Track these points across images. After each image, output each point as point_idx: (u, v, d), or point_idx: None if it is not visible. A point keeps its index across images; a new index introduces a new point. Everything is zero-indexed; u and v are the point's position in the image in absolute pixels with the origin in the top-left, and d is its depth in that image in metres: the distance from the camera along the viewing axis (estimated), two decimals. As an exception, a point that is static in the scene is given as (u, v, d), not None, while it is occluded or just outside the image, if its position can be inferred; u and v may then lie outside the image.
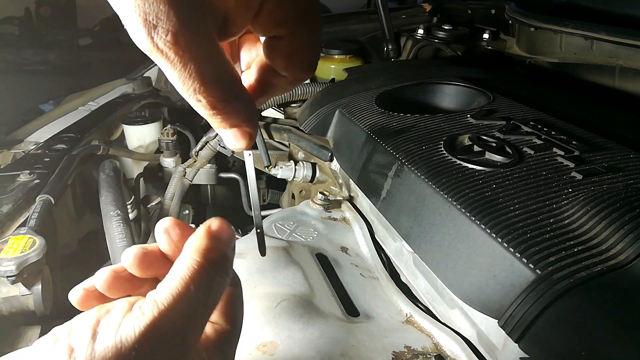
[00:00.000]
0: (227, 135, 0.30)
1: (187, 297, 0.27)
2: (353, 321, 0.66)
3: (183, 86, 0.25)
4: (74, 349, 0.25)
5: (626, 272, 0.48)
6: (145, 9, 0.22)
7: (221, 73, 0.26)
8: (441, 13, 1.83)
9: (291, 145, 1.12)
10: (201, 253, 0.29)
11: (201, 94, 0.25)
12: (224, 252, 0.30)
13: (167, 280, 0.28)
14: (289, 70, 0.30)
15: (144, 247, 0.32)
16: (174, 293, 0.27)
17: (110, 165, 1.00)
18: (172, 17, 0.22)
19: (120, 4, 0.23)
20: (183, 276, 0.27)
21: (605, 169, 0.64)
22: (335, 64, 1.48)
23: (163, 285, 0.27)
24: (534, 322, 0.48)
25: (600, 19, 1.20)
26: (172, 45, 0.23)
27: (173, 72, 0.24)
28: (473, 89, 1.03)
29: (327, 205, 0.92)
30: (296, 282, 0.68)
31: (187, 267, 0.28)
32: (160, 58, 0.24)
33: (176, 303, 0.26)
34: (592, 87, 1.25)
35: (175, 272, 0.28)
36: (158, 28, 0.23)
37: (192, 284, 0.27)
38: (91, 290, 0.32)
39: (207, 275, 0.28)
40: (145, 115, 1.35)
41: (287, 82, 0.31)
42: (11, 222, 0.84)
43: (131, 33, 0.23)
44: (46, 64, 3.99)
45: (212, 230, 0.30)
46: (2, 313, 0.72)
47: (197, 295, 0.27)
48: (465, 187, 0.64)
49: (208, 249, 0.29)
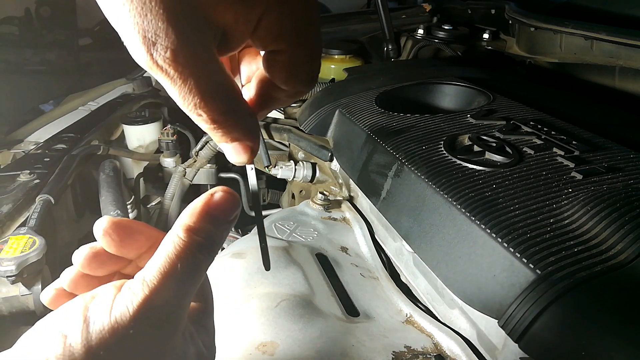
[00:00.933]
0: (229, 149, 0.30)
1: (174, 275, 0.28)
2: (353, 321, 0.66)
3: (183, 101, 0.25)
4: (67, 335, 0.25)
5: (626, 272, 0.48)
6: (144, 26, 0.22)
7: (221, 87, 0.26)
8: (441, 13, 1.83)
9: (291, 145, 1.12)
10: (188, 231, 0.29)
11: (202, 108, 0.26)
12: (211, 232, 0.30)
13: (155, 259, 0.28)
14: (289, 83, 0.30)
15: (92, 248, 0.34)
16: (162, 271, 0.27)
17: (110, 165, 1.00)
18: (171, 34, 0.23)
19: (118, 22, 0.23)
20: (170, 254, 0.28)
21: (605, 169, 0.64)
22: (335, 64, 1.48)
23: (151, 264, 0.28)
24: (534, 322, 0.47)
25: (600, 19, 1.20)
26: (171, 62, 0.23)
27: (173, 88, 0.25)
28: (473, 89, 1.03)
29: (327, 205, 0.92)
30: (296, 282, 0.68)
31: (173, 245, 0.29)
32: (160, 74, 0.24)
33: (165, 280, 0.27)
34: (592, 87, 1.25)
35: (163, 249, 0.29)
36: (157, 45, 0.23)
37: (178, 262, 0.28)
38: (62, 290, 0.34)
39: (193, 254, 0.29)
40: (145, 115, 1.35)
41: (287, 95, 0.31)
42: (11, 222, 0.84)
43: (130, 50, 0.24)
44: (46, 64, 3.99)
45: (207, 204, 0.30)
46: (2, 313, 0.72)
47: (183, 272, 0.28)
48: (465, 187, 0.64)
49: (196, 228, 0.29)
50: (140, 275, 0.28)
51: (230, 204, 0.31)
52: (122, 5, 0.22)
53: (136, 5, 0.22)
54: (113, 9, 0.23)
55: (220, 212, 0.31)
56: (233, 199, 0.31)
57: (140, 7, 0.22)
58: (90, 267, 0.34)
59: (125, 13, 0.22)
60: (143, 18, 0.22)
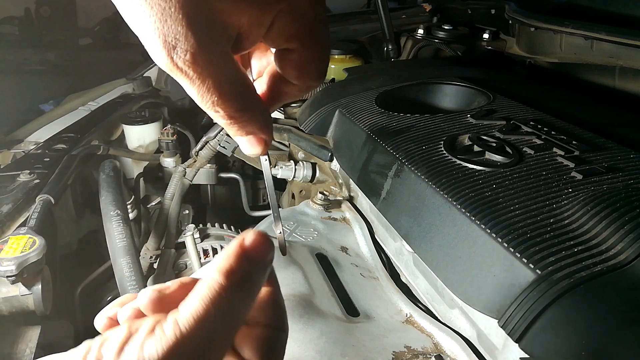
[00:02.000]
0: (244, 142, 0.32)
1: (207, 319, 0.27)
2: (353, 321, 0.66)
3: (202, 99, 0.27)
4: None
5: (626, 272, 0.48)
6: (164, 30, 0.24)
7: (237, 85, 0.28)
8: (441, 13, 1.83)
9: (291, 145, 1.12)
10: (222, 273, 0.28)
11: (219, 105, 0.27)
12: (248, 274, 0.29)
13: (188, 301, 0.28)
14: (300, 79, 0.32)
15: (159, 290, 0.31)
16: (194, 315, 0.27)
17: (110, 165, 1.00)
18: (190, 38, 0.24)
19: (139, 27, 0.24)
20: (204, 297, 0.27)
21: (605, 169, 0.64)
22: (335, 64, 1.48)
23: (184, 306, 0.27)
24: (534, 322, 0.47)
25: (600, 19, 1.20)
26: (190, 64, 0.25)
27: (192, 88, 0.26)
28: (473, 89, 1.03)
29: (327, 205, 0.92)
30: (296, 282, 0.68)
31: (208, 288, 0.28)
32: (180, 76, 0.26)
33: (197, 325, 0.26)
34: (592, 87, 1.25)
35: (197, 292, 0.28)
36: (177, 48, 0.24)
37: (212, 306, 0.27)
38: (114, 320, 0.32)
39: (228, 298, 0.28)
40: (145, 115, 1.35)
41: (298, 90, 0.33)
42: (11, 222, 0.84)
43: (151, 53, 0.25)
44: (46, 64, 3.99)
45: (241, 247, 0.30)
46: (2, 313, 0.72)
47: (217, 317, 0.27)
48: (465, 187, 0.64)
49: (231, 269, 0.29)
50: (173, 316, 0.27)
51: (264, 244, 0.31)
52: (143, 12, 0.24)
53: (157, 11, 0.23)
54: (134, 14, 0.24)
55: (255, 252, 0.30)
56: (266, 240, 0.31)
57: (161, 13, 0.23)
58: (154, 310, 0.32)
59: (146, 19, 0.24)
60: (163, 23, 0.24)
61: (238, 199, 1.28)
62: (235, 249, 0.30)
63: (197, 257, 1.00)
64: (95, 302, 1.00)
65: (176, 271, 1.08)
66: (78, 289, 0.98)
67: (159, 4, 0.23)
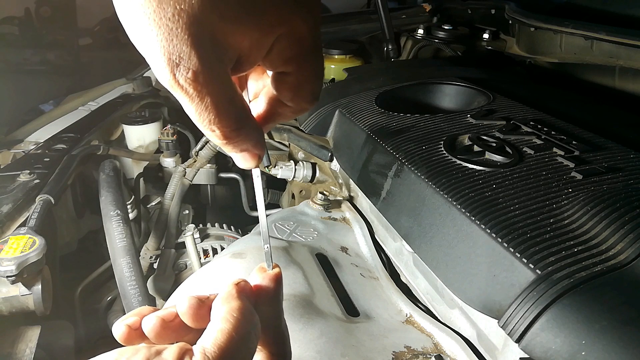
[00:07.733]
0: (238, 157, 0.33)
1: (231, 350, 0.29)
2: (353, 321, 0.66)
3: (199, 117, 0.28)
4: None
5: (626, 272, 0.48)
6: (170, 49, 0.25)
7: (233, 106, 0.29)
8: (441, 13, 1.83)
9: (291, 145, 1.12)
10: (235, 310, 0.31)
11: (215, 124, 0.28)
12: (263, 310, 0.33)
13: (215, 332, 0.30)
14: (294, 101, 0.33)
15: (199, 299, 0.33)
16: (221, 346, 0.29)
17: (110, 165, 1.00)
18: (193, 57, 0.25)
19: (145, 44, 0.25)
20: (229, 330, 0.30)
21: (605, 169, 0.64)
22: (335, 64, 1.48)
23: (211, 336, 0.29)
24: (534, 322, 0.47)
25: (600, 19, 1.20)
26: (191, 82, 0.26)
27: (190, 105, 0.27)
28: (473, 89, 1.03)
29: (327, 205, 0.92)
30: (296, 282, 0.68)
31: (230, 323, 0.30)
32: (180, 92, 0.27)
33: (223, 354, 0.29)
34: (592, 87, 1.25)
35: (223, 324, 0.30)
36: (180, 66, 0.25)
37: (237, 335, 0.30)
38: (135, 329, 0.32)
39: (247, 331, 0.31)
40: (145, 115, 1.35)
41: (291, 112, 0.35)
42: (11, 222, 0.84)
43: (154, 69, 0.26)
44: (46, 64, 3.98)
45: (237, 289, 0.32)
46: (2, 313, 0.72)
47: (239, 347, 0.29)
48: (465, 187, 0.64)
49: (239, 308, 0.31)
50: (200, 346, 0.29)
51: (278, 282, 0.35)
52: (151, 31, 0.25)
53: (164, 30, 0.25)
54: (140, 32, 0.25)
55: (269, 290, 0.34)
56: (279, 278, 0.35)
57: (167, 32, 0.25)
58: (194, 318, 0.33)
59: (153, 37, 0.25)
60: (169, 42, 0.25)
61: (238, 199, 1.28)
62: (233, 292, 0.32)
63: (197, 257, 1.00)
64: (95, 302, 1.01)
65: (176, 271, 1.08)
66: (78, 289, 0.98)
67: (167, 25, 0.24)
